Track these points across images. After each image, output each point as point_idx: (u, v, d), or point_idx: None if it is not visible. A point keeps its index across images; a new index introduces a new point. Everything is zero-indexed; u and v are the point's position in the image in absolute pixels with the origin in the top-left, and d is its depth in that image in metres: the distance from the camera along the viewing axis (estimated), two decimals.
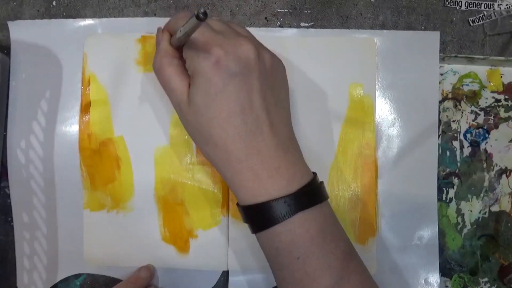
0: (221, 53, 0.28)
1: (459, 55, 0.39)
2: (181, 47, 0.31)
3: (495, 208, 0.41)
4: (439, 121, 0.40)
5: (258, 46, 0.30)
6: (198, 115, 0.29)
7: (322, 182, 0.31)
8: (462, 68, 0.41)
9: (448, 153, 0.41)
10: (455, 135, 0.41)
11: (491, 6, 0.41)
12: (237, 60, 0.28)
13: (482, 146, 0.41)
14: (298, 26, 0.40)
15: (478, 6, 0.41)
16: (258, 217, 0.29)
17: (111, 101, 0.39)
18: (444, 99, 0.41)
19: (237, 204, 0.31)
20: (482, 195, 0.41)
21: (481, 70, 0.41)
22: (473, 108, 0.41)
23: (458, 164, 0.41)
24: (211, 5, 0.40)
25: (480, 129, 0.41)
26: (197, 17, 0.25)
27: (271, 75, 0.31)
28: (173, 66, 0.31)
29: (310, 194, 0.30)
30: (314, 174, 0.31)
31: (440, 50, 0.40)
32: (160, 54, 0.31)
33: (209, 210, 0.39)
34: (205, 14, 0.24)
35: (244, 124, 0.29)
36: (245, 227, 0.38)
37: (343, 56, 0.39)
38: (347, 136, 0.39)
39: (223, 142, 0.29)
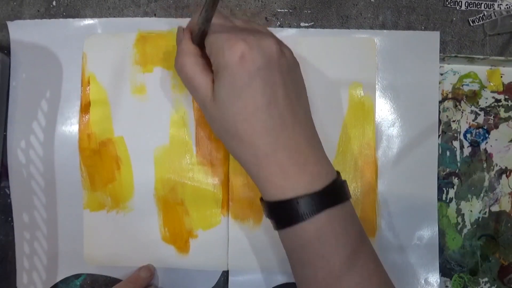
0: (246, 47, 0.28)
1: (459, 55, 0.39)
2: (202, 44, 0.31)
3: (495, 208, 0.41)
4: (439, 121, 0.40)
5: (279, 42, 0.30)
6: (224, 110, 0.29)
7: (345, 181, 0.31)
8: (462, 68, 0.41)
9: (448, 153, 0.41)
10: (455, 135, 0.41)
11: (491, 6, 0.41)
12: (261, 54, 0.28)
13: (482, 146, 0.41)
14: (298, 26, 0.40)
15: (478, 6, 0.41)
16: (284, 213, 0.29)
17: (111, 101, 0.39)
18: (444, 99, 0.41)
19: (261, 199, 0.31)
20: (482, 195, 0.41)
21: (481, 70, 0.41)
22: (473, 108, 0.41)
23: (458, 164, 0.41)
24: None
25: (480, 129, 0.41)
26: None
27: (292, 71, 0.31)
28: (195, 64, 0.30)
29: (336, 192, 0.30)
30: (338, 172, 0.31)
31: (440, 50, 0.40)
32: (181, 52, 0.31)
33: (209, 210, 0.39)
34: None
35: (270, 118, 0.28)
36: (245, 227, 0.39)
37: (343, 56, 0.39)
38: (347, 136, 0.39)
39: (249, 136, 0.29)
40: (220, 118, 0.29)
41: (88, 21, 0.40)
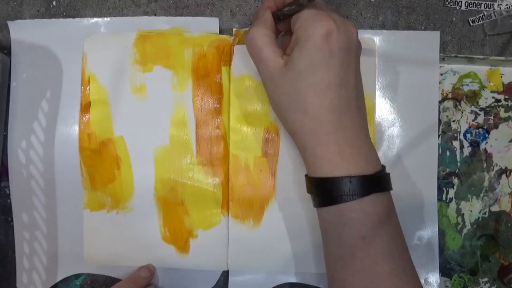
0: (334, 26, 0.29)
1: (459, 55, 0.39)
2: (280, 21, 0.32)
3: (495, 208, 0.41)
4: (439, 121, 0.40)
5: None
6: (298, 80, 0.30)
7: (389, 173, 0.32)
8: (462, 68, 0.41)
9: (448, 153, 0.41)
10: (455, 135, 0.41)
11: (491, 6, 0.41)
12: (345, 37, 0.30)
13: (482, 146, 0.41)
14: None
15: (478, 6, 0.41)
16: (333, 190, 0.30)
17: (111, 101, 0.39)
18: (444, 99, 0.41)
19: (306, 175, 0.32)
20: (482, 195, 0.41)
21: (481, 70, 0.41)
22: (473, 108, 0.41)
23: (458, 164, 0.41)
24: (211, 5, 0.40)
25: (480, 129, 0.41)
26: None
27: (360, 60, 0.32)
28: (267, 37, 0.31)
29: (383, 180, 0.31)
30: (383, 165, 0.32)
31: (440, 50, 0.40)
32: (257, 24, 0.32)
33: (209, 210, 0.39)
34: None
35: (339, 97, 0.30)
36: (245, 227, 0.39)
37: None
38: None
39: (316, 111, 0.30)
40: (291, 88, 0.30)
41: (88, 21, 0.40)
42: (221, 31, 0.40)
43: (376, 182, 0.30)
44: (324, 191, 0.31)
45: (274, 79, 0.31)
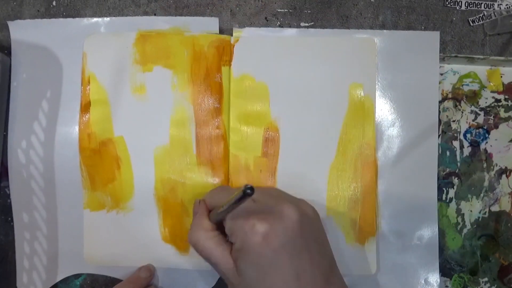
0: (267, 227, 0.28)
1: (459, 55, 0.39)
2: (220, 222, 0.31)
3: (495, 208, 0.41)
4: (439, 121, 0.40)
5: (296, 202, 0.30)
6: (251, 287, 0.28)
7: None
8: (462, 68, 0.41)
9: (448, 153, 0.41)
10: (455, 135, 0.41)
11: (491, 6, 0.41)
12: (283, 229, 0.28)
13: (482, 146, 0.41)
14: (298, 26, 0.40)
15: (478, 6, 0.41)
16: None
17: (111, 101, 0.39)
18: (444, 99, 0.41)
19: None
20: (482, 195, 0.41)
21: (481, 70, 0.41)
22: (473, 108, 0.41)
23: (458, 164, 0.41)
24: (211, 5, 0.41)
25: (480, 129, 0.41)
26: (244, 193, 0.25)
27: (315, 229, 0.31)
28: (211, 239, 0.30)
29: None
30: None
31: (440, 50, 0.40)
32: (196, 228, 0.31)
33: None
34: (252, 189, 0.25)
35: (299, 285, 0.28)
36: None
37: (343, 56, 0.39)
38: (347, 136, 0.39)
39: None
40: None
41: (88, 21, 0.40)
42: (221, 31, 0.40)
43: None
44: None
45: (229, 280, 0.30)
